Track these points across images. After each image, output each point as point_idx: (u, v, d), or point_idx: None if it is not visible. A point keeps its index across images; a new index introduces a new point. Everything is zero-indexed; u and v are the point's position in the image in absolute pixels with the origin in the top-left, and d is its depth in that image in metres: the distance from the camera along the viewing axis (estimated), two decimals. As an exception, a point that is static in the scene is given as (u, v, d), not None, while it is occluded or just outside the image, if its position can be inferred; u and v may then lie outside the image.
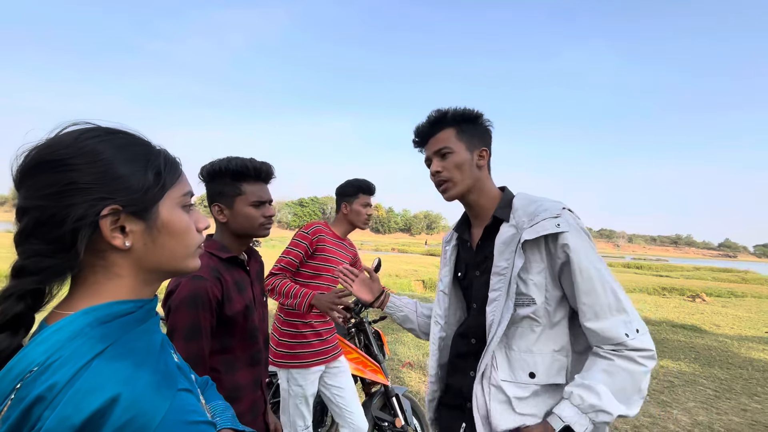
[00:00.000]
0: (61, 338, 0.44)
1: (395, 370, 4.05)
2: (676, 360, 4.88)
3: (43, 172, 0.47)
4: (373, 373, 2.33)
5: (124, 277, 0.51)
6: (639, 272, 25.61)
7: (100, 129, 0.51)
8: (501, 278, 0.99)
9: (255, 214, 1.15)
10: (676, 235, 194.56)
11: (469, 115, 1.09)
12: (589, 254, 0.93)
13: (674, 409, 3.38)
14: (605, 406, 0.86)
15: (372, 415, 2.31)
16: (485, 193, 1.10)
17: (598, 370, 0.90)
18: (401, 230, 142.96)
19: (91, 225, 0.47)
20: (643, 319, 0.97)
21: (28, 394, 0.40)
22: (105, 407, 0.40)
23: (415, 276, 13.41)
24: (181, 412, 0.45)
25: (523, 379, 0.96)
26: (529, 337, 0.98)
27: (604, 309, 0.91)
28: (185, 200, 0.56)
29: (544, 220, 0.95)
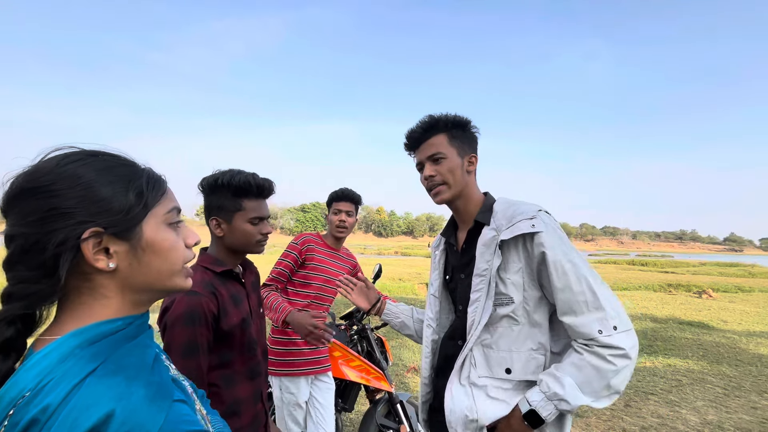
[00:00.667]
0: (52, 361, 0.44)
1: (400, 375, 4.03)
2: (683, 358, 4.83)
3: (26, 199, 0.47)
4: (376, 381, 2.32)
5: (111, 299, 0.51)
6: (644, 269, 25.42)
7: (81, 153, 0.51)
8: (482, 279, 1.03)
9: (253, 231, 1.14)
10: (680, 231, 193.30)
11: (460, 121, 1.13)
12: (564, 251, 0.97)
13: (683, 409, 3.34)
14: (567, 396, 0.92)
15: (377, 423, 2.29)
16: (471, 198, 1.14)
17: (568, 363, 0.95)
18: (404, 233, 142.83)
19: (72, 249, 0.47)
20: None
21: (21, 418, 0.40)
22: (100, 424, 0.40)
23: (419, 279, 13.37)
24: (177, 422, 0.45)
25: (499, 375, 1.01)
26: (509, 336, 1.01)
27: (580, 305, 0.95)
28: (170, 217, 0.56)
29: (520, 222, 0.99)
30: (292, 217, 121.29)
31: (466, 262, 1.13)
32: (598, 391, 0.92)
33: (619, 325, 0.93)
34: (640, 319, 7.23)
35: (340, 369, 2.24)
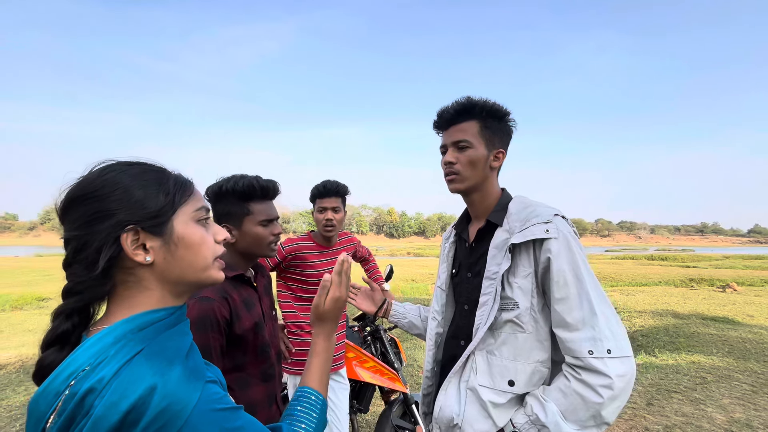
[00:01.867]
0: (107, 343, 0.51)
1: (415, 376, 4.02)
2: (708, 355, 4.68)
3: (76, 206, 0.55)
4: (390, 381, 2.32)
5: (153, 290, 0.58)
6: (664, 264, 24.72)
7: (119, 163, 0.59)
8: (491, 282, 0.99)
9: (264, 233, 1.16)
10: (701, 224, 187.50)
11: (497, 111, 1.05)
12: (572, 262, 0.91)
13: (708, 407, 3.24)
14: (548, 423, 0.88)
15: (392, 424, 2.29)
16: (488, 193, 1.09)
17: (555, 388, 0.91)
18: (416, 234, 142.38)
19: (113, 244, 0.54)
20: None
21: (81, 387, 0.47)
22: (146, 395, 0.46)
23: (432, 280, 13.30)
24: (210, 401, 0.51)
25: (501, 386, 0.95)
26: (513, 344, 0.96)
27: (576, 320, 0.89)
28: (199, 215, 0.62)
29: (533, 225, 0.95)
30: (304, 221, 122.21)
31: (474, 260, 1.10)
32: (583, 420, 0.87)
33: (614, 349, 0.86)
34: (661, 315, 7.04)
35: (355, 370, 2.25)
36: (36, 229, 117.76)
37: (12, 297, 9.75)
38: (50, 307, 9.11)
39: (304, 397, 0.70)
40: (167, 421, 0.46)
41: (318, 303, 0.78)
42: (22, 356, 4.51)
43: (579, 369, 0.88)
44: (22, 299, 9.80)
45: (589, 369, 0.86)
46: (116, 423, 0.45)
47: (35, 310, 8.98)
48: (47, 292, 10.58)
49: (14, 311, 8.79)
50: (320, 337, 0.78)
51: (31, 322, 6.94)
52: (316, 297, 0.78)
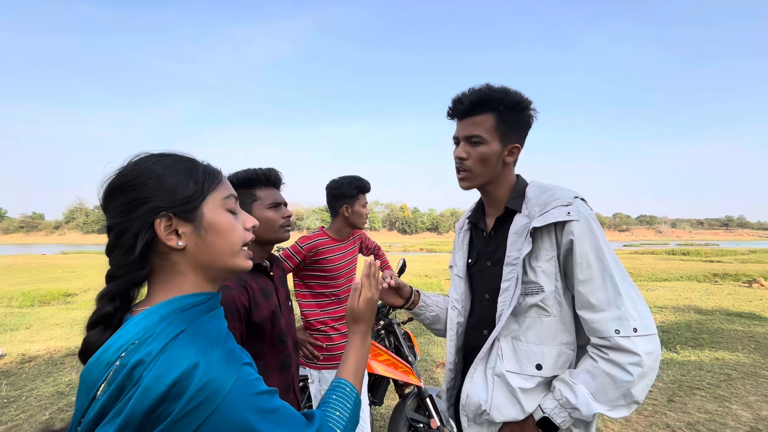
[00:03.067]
0: (153, 321, 0.54)
1: (429, 370, 4.02)
2: (733, 351, 4.53)
3: (115, 195, 0.59)
4: (404, 375, 2.33)
5: (187, 275, 0.61)
6: (686, 258, 23.95)
7: (153, 155, 0.63)
8: (512, 268, 0.99)
9: (274, 216, 1.19)
10: (726, 217, 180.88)
11: (517, 103, 1.01)
12: (594, 244, 0.92)
13: (733, 404, 3.14)
14: (579, 405, 0.89)
15: (406, 417, 2.30)
16: (503, 184, 1.08)
17: (582, 370, 0.92)
18: (428, 230, 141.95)
19: (149, 230, 0.57)
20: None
21: (129, 360, 0.50)
22: (189, 370, 0.50)
23: (446, 275, 13.25)
24: (247, 382, 0.54)
25: (529, 371, 0.95)
26: (538, 328, 0.96)
27: (600, 301, 0.90)
28: (228, 203, 0.64)
29: (554, 209, 0.94)
30: (317, 218, 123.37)
31: (492, 249, 1.08)
32: (613, 400, 0.88)
33: (640, 327, 0.87)
34: (683, 310, 6.84)
35: (369, 363, 2.26)
36: (61, 228, 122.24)
37: (40, 293, 10.17)
38: (76, 303, 9.51)
39: (340, 387, 0.72)
40: (207, 397, 0.49)
41: (352, 305, 0.83)
42: (50, 349, 4.70)
43: (606, 349, 0.88)
44: (49, 295, 10.21)
45: (616, 348, 0.87)
46: (162, 394, 0.48)
47: (62, 305, 9.34)
48: (73, 288, 10.99)
49: (42, 306, 9.17)
50: (357, 336, 0.81)
51: (58, 317, 7.22)
52: (350, 299, 0.83)
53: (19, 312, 7.76)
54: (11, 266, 17.97)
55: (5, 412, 3.08)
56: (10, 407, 3.16)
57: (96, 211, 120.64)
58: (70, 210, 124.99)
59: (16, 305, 9.04)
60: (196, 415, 0.48)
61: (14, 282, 12.26)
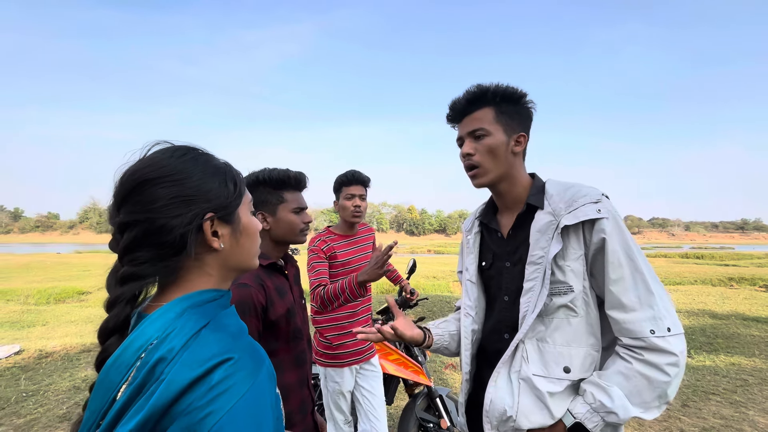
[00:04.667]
0: (170, 317, 0.52)
1: (438, 372, 4.01)
2: (749, 356, 4.43)
3: (149, 188, 0.54)
4: (414, 374, 2.33)
5: (213, 276, 0.60)
6: (700, 262, 23.45)
7: (183, 147, 0.60)
8: (537, 267, 0.95)
9: (296, 220, 1.22)
10: (742, 220, 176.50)
11: (512, 94, 1.00)
12: (624, 242, 0.89)
13: (750, 410, 3.07)
14: (616, 408, 0.85)
15: (416, 416, 2.30)
16: (517, 181, 1.04)
17: (614, 372, 0.88)
18: (436, 231, 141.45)
19: (197, 229, 0.56)
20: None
21: (151, 357, 0.49)
22: (213, 366, 0.48)
23: (453, 277, 13.19)
24: (270, 376, 0.54)
25: (556, 374, 0.92)
26: (566, 329, 0.93)
27: (632, 300, 0.87)
28: (251, 206, 0.67)
29: (584, 206, 0.91)
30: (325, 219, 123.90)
31: (512, 248, 1.04)
32: (648, 401, 0.85)
33: (672, 327, 0.85)
34: (697, 315, 6.70)
35: (380, 363, 2.27)
36: (75, 228, 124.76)
37: (55, 291, 10.40)
38: (89, 301, 9.70)
39: None
40: (228, 389, 0.48)
41: None
42: (66, 345, 4.81)
43: (640, 350, 0.86)
44: (64, 293, 10.44)
45: (652, 349, 0.85)
46: (184, 387, 0.47)
47: (76, 303, 9.55)
48: (87, 287, 11.22)
49: (57, 304, 9.38)
50: None
51: (73, 314, 7.38)
52: None
53: (35, 309, 7.95)
54: (28, 264, 18.41)
55: (24, 405, 3.16)
56: (28, 401, 3.24)
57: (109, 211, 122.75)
58: (84, 210, 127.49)
59: (32, 302, 9.27)
60: (217, 406, 0.47)
61: (31, 280, 12.56)
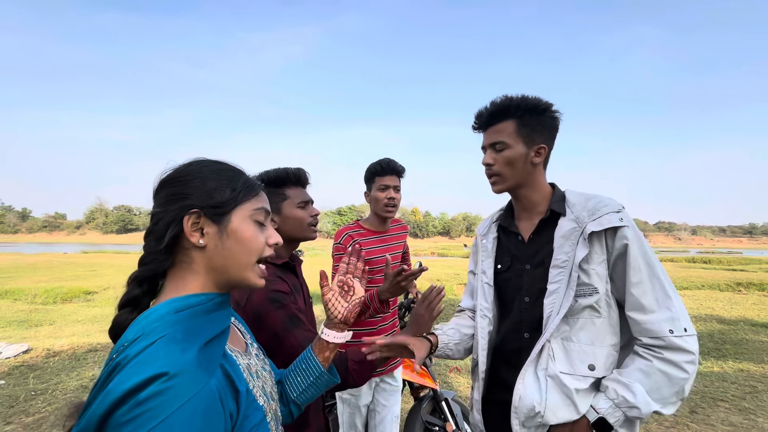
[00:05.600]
0: (149, 321, 0.55)
1: (443, 375, 4.00)
2: (758, 363, 4.38)
3: (164, 188, 0.64)
4: (421, 377, 2.33)
5: (200, 274, 0.63)
6: (707, 267, 23.17)
7: (205, 159, 0.68)
8: (561, 270, 1.01)
9: (303, 215, 1.22)
10: (750, 224, 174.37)
11: (536, 107, 1.05)
12: (643, 248, 0.97)
13: (759, 417, 3.03)
14: (639, 403, 0.91)
15: (422, 420, 2.30)
16: (537, 188, 1.11)
17: (635, 369, 0.94)
18: (440, 234, 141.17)
19: (178, 222, 0.61)
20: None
21: (116, 359, 0.51)
22: (148, 380, 0.48)
23: (457, 280, 13.16)
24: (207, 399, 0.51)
25: (582, 371, 0.98)
26: (590, 329, 0.99)
27: (651, 302, 0.94)
28: (257, 215, 0.67)
29: (608, 214, 0.99)
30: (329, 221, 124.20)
31: (532, 252, 1.10)
32: (667, 397, 0.92)
33: (688, 328, 0.93)
34: (704, 320, 6.63)
35: (385, 365, 2.27)
36: (82, 228, 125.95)
37: (62, 290, 10.50)
38: (96, 301, 9.79)
39: None
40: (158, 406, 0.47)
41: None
42: (73, 345, 4.85)
43: (660, 348, 0.92)
44: (71, 292, 10.53)
45: (672, 348, 0.91)
46: (116, 400, 0.46)
47: (83, 303, 9.63)
48: (93, 286, 11.32)
49: (64, 303, 9.47)
50: None
51: (80, 314, 7.45)
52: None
53: (42, 308, 8.04)
54: (35, 264, 18.62)
55: (33, 404, 3.20)
56: (37, 399, 3.28)
57: (115, 212, 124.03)
58: (90, 210, 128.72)
59: (39, 302, 9.36)
60: (142, 422, 0.46)
61: (38, 279, 12.69)
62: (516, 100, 1.06)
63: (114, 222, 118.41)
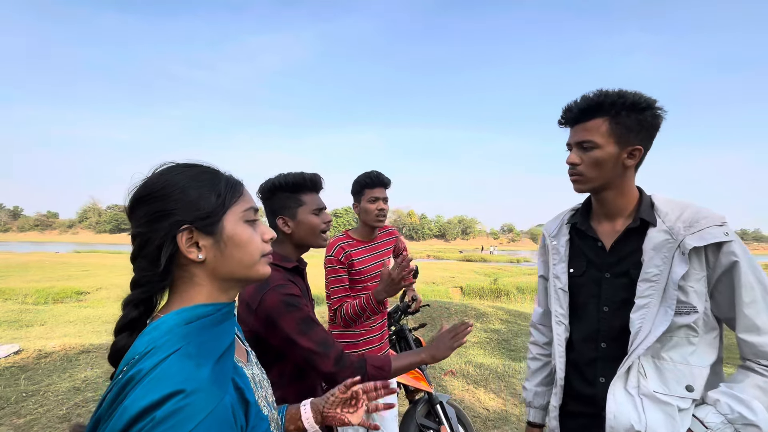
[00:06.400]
0: (158, 333, 0.54)
1: (437, 378, 4.02)
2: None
3: (140, 206, 0.60)
4: (415, 381, 2.34)
5: (204, 286, 0.61)
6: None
7: (178, 165, 0.63)
8: (651, 285, 0.95)
9: (317, 222, 1.22)
10: (741, 231, 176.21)
11: (635, 104, 0.94)
12: (752, 264, 0.90)
13: None
14: (759, 421, 0.85)
15: (417, 423, 2.31)
16: (625, 192, 1.02)
17: (751, 385, 0.88)
18: (435, 236, 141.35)
19: (171, 242, 0.58)
20: None
21: (128, 373, 0.50)
22: (165, 396, 0.48)
23: (453, 283, 13.21)
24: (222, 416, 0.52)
25: (678, 392, 0.93)
26: (685, 348, 0.94)
27: (765, 322, 0.88)
28: (247, 215, 0.65)
29: (710, 227, 0.91)
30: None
31: (614, 260, 1.03)
32: None
33: None
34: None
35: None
36: (74, 227, 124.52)
37: (54, 290, 10.39)
38: (88, 301, 9.69)
39: None
40: (176, 424, 0.47)
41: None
42: (65, 345, 4.80)
43: None
44: (62, 293, 10.42)
45: None
46: (134, 416, 0.46)
47: (74, 303, 9.54)
48: (85, 287, 11.21)
49: (56, 304, 9.37)
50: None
51: (71, 314, 7.37)
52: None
53: (33, 309, 7.94)
54: (26, 263, 18.39)
55: (24, 405, 3.17)
56: (28, 401, 3.24)
57: (108, 211, 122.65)
58: (83, 209, 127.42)
59: (30, 302, 9.25)
60: None
61: (29, 279, 12.54)
62: (612, 95, 0.95)
63: (107, 221, 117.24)
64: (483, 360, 4.59)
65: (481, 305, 7.86)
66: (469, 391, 3.67)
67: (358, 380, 0.87)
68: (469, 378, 3.99)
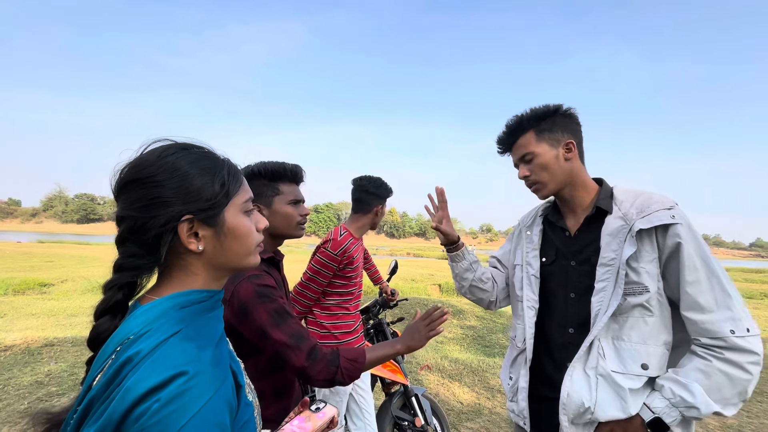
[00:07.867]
0: (152, 316, 0.53)
1: (413, 372, 4.08)
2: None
3: (134, 188, 0.56)
4: (392, 373, 2.37)
5: (198, 275, 0.60)
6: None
7: (176, 146, 0.60)
8: (608, 269, 1.00)
9: (293, 213, 1.20)
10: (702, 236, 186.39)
11: (545, 113, 1.09)
12: (699, 246, 0.94)
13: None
14: (698, 404, 0.88)
15: (392, 415, 2.35)
16: (581, 185, 1.11)
17: (693, 369, 0.91)
18: (416, 234, 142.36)
19: (171, 232, 0.56)
20: None
21: (123, 354, 0.49)
22: (170, 378, 0.48)
23: (432, 280, 13.35)
24: (227, 394, 0.53)
25: (634, 371, 0.96)
26: (641, 328, 0.97)
27: (709, 301, 0.91)
28: (247, 206, 0.64)
29: (658, 211, 0.96)
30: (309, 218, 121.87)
31: (577, 248, 1.10)
32: (728, 398, 0.89)
33: (751, 328, 0.89)
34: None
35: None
36: (38, 216, 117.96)
37: (15, 281, 9.83)
38: (52, 293, 9.24)
39: None
40: (182, 406, 0.47)
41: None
42: (27, 338, 4.57)
43: (721, 349, 0.90)
44: (24, 284, 9.87)
45: (734, 348, 0.88)
46: (138, 397, 0.46)
47: (37, 295, 9.06)
48: (50, 278, 10.66)
49: (17, 296, 8.87)
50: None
51: (34, 307, 7.01)
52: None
53: (-8, 300, 7.50)
54: (-16, 253, 17.29)
55: (-19, 400, 3.01)
56: (-15, 396, 3.08)
57: (76, 200, 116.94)
58: (48, 197, 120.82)
59: (-11, 293, 8.73)
60: (169, 422, 0.46)
61: (-13, 269, 11.81)
62: (526, 115, 1.10)
63: (74, 211, 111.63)
64: (458, 355, 4.69)
65: (458, 302, 8.00)
66: (444, 385, 3.74)
67: None
68: (444, 372, 4.07)
